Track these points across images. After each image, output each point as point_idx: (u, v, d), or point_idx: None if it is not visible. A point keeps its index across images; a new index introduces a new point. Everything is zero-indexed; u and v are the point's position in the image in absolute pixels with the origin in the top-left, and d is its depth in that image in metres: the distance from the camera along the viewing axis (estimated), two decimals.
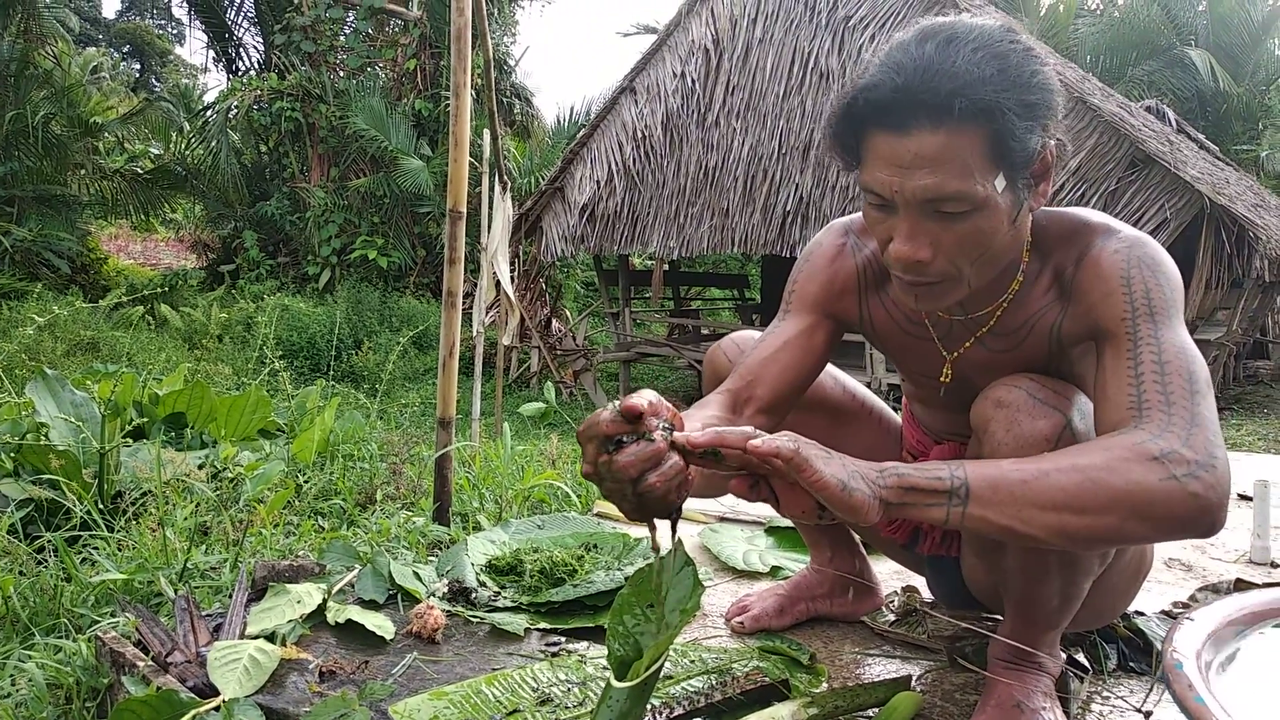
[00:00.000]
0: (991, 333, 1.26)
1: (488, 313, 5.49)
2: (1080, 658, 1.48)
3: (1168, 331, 1.08)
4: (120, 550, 2.10)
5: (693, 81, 9.92)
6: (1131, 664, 1.53)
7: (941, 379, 1.33)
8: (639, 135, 10.32)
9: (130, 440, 3.14)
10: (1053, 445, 1.12)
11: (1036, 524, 0.95)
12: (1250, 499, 2.39)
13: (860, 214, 1.43)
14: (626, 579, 1.43)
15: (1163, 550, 2.27)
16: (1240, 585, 1.83)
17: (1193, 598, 1.83)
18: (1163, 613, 1.70)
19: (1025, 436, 1.14)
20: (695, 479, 1.00)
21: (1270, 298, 9.72)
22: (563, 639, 1.62)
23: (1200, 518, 0.94)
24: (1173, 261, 1.16)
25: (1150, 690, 1.42)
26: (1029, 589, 1.26)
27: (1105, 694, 1.44)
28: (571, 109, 15.80)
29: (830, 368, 1.56)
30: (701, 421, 1.21)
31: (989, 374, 1.26)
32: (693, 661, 1.48)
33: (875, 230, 1.14)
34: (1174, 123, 11.03)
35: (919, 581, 1.85)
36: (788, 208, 9.14)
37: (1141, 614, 1.64)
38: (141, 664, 1.42)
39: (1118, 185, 7.58)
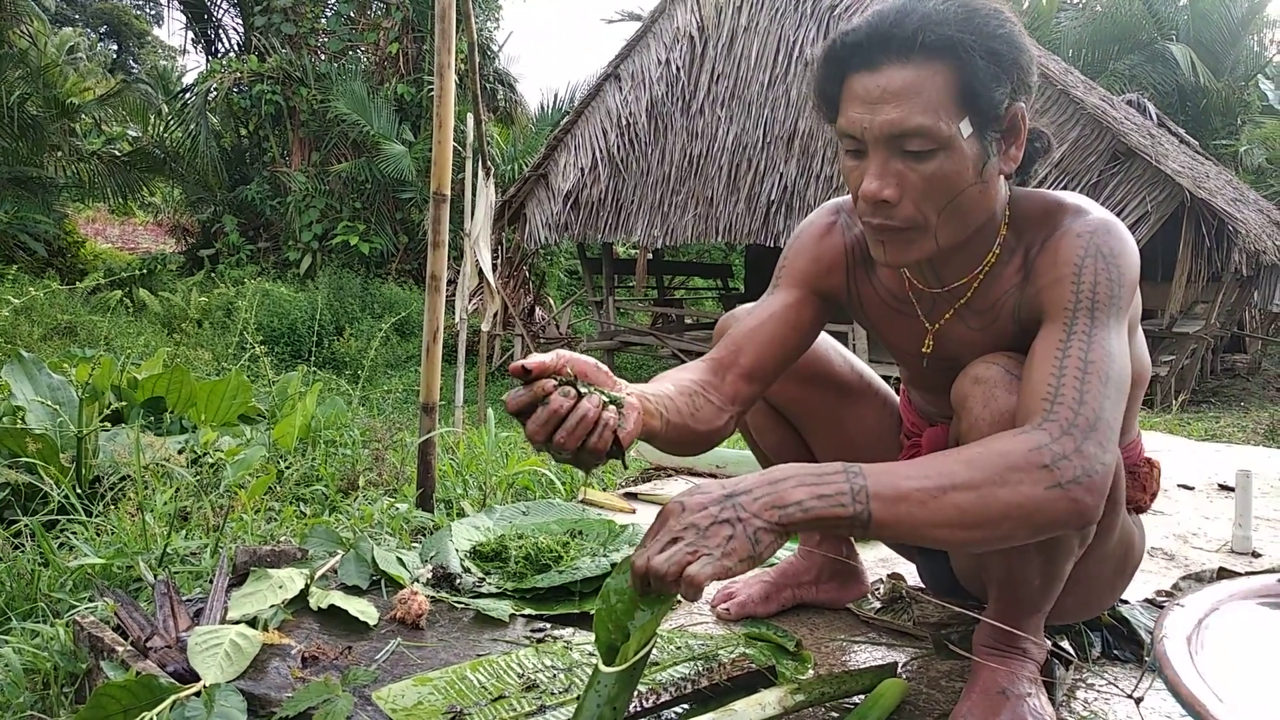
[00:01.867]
0: (969, 308, 1.28)
1: (471, 300, 5.46)
2: (1065, 645, 1.49)
3: (1101, 331, 1.11)
4: (99, 535, 2.08)
5: (677, 69, 9.89)
6: (1116, 652, 1.54)
7: (924, 349, 1.35)
8: (623, 122, 10.28)
9: (109, 424, 3.09)
10: None
11: (933, 538, 1.00)
12: (1232, 489, 2.40)
13: (843, 199, 1.44)
14: (613, 565, 1.43)
15: (1146, 540, 2.28)
16: (1223, 574, 1.84)
17: (1176, 586, 1.84)
18: (1146, 601, 1.71)
19: (1001, 411, 1.16)
20: (634, 429, 1.04)
21: (1248, 292, 9.81)
22: (548, 625, 1.61)
23: (1077, 520, 1.01)
24: (1135, 250, 1.19)
25: (1142, 676, 1.42)
26: (1009, 571, 1.26)
27: (1090, 681, 1.45)
28: (555, 95, 15.72)
29: (839, 346, 1.58)
30: (673, 382, 1.23)
31: (968, 350, 1.29)
32: (679, 648, 1.47)
33: (851, 180, 1.18)
34: (1155, 117, 11.10)
35: (904, 568, 1.85)
36: (772, 197, 9.13)
37: (1125, 602, 1.65)
38: (121, 649, 1.40)
39: (1099, 178, 7.62)
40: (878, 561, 1.97)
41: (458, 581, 1.74)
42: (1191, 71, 14.98)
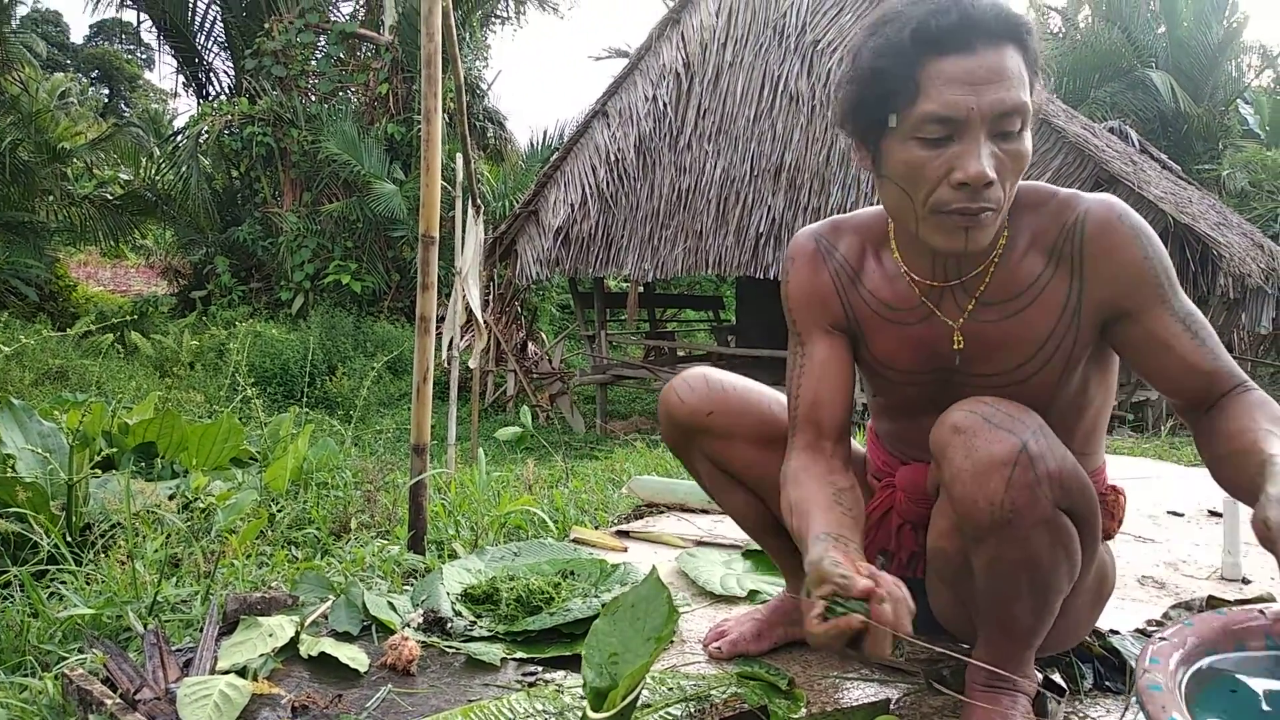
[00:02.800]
0: (985, 300, 1.30)
1: (463, 336, 5.47)
2: (1056, 678, 1.49)
3: (1186, 300, 1.27)
4: (88, 584, 2.06)
5: (664, 105, 9.99)
6: (1107, 683, 1.54)
7: (956, 347, 1.33)
8: (612, 158, 10.36)
9: (99, 471, 3.09)
10: (1010, 469, 1.15)
11: None
12: (1221, 515, 2.41)
13: (821, 222, 1.46)
14: (603, 606, 1.43)
15: (1136, 568, 2.29)
16: (1212, 602, 1.84)
17: (1166, 615, 1.85)
18: (1137, 631, 1.72)
19: (982, 461, 1.16)
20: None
21: (1235, 315, 9.88)
22: (539, 668, 1.60)
23: None
24: None
25: (1125, 711, 1.43)
26: (1001, 610, 1.26)
27: (1082, 714, 1.45)
28: (545, 132, 15.84)
29: (778, 394, 1.58)
30: (825, 505, 1.27)
31: (995, 342, 1.30)
32: (670, 689, 1.47)
33: (926, 170, 1.18)
34: (1137, 143, 11.23)
35: None
36: (760, 229, 9.20)
37: (1116, 632, 1.65)
38: (109, 702, 1.39)
39: None
40: None
41: (449, 625, 1.73)
42: (1172, 98, 15.20)
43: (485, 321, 5.40)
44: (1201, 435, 1.25)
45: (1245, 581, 2.20)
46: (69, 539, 2.40)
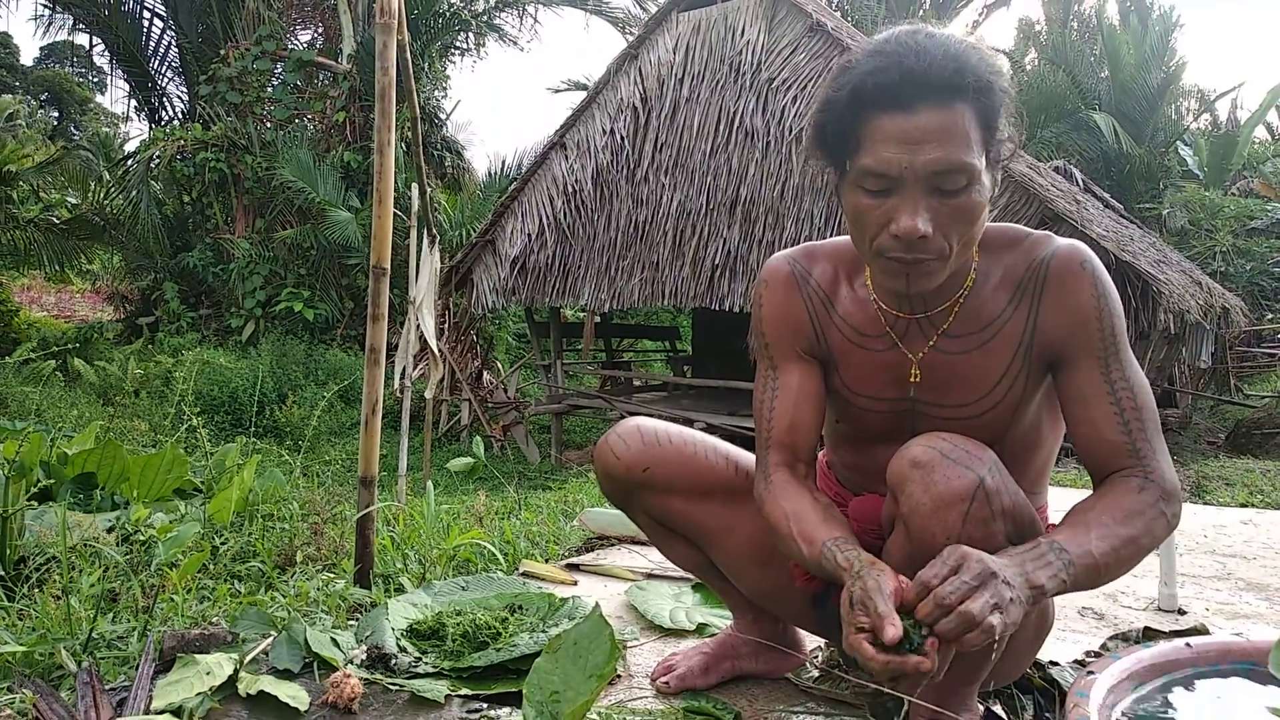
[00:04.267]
0: (948, 334, 1.32)
1: (416, 366, 5.43)
2: (998, 709, 1.51)
3: (1129, 368, 1.27)
4: (21, 620, 2.00)
5: (622, 138, 10.08)
6: (1047, 715, 1.56)
7: (911, 379, 1.36)
8: (569, 189, 10.41)
9: (36, 503, 3.00)
10: (967, 504, 1.16)
11: (1091, 585, 1.15)
12: (1157, 549, 2.47)
13: (795, 248, 1.48)
14: (547, 642, 1.42)
15: (1075, 600, 2.33)
16: (1149, 633, 1.88)
17: (1104, 646, 1.88)
18: (1075, 662, 1.75)
19: (941, 496, 1.17)
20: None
21: (1175, 349, 10.15)
22: (485, 705, 1.59)
23: (1170, 534, 1.23)
24: None
25: None
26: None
27: None
28: (503, 162, 15.86)
29: (718, 445, 1.60)
30: (824, 516, 1.30)
31: (960, 376, 1.32)
32: None
33: (867, 219, 1.20)
34: (1081, 182, 11.55)
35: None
36: (716, 261, 9.28)
37: (1055, 664, 1.68)
38: None
39: None
40: None
41: (393, 662, 1.71)
42: (1114, 139, 15.66)
43: (440, 350, 5.37)
44: None
45: (1181, 613, 2.25)
46: (2, 573, 2.33)
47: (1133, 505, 1.20)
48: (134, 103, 16.89)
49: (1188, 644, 1.05)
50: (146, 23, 16.03)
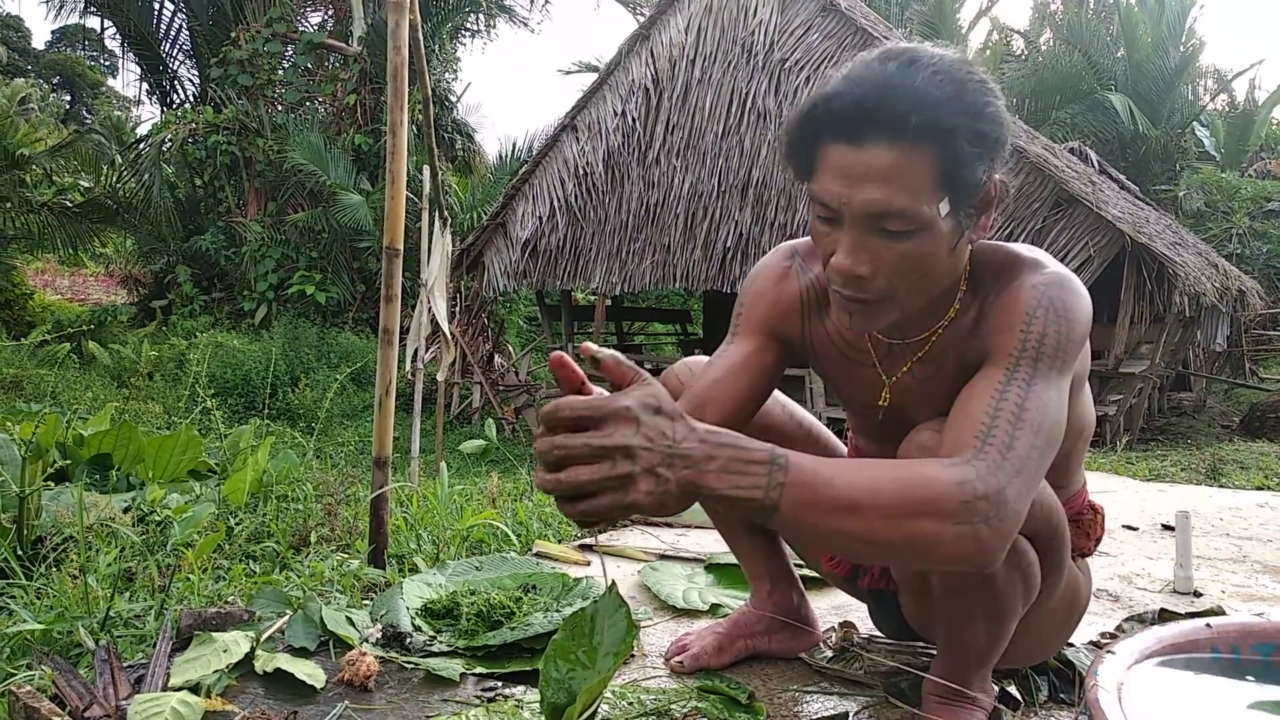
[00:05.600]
0: (924, 359, 1.29)
1: (428, 349, 5.44)
2: (1012, 690, 1.51)
3: (1042, 383, 1.11)
4: (39, 599, 2.02)
5: (633, 120, 10.04)
6: (1062, 695, 1.56)
7: (880, 402, 1.35)
8: (581, 172, 10.38)
9: (52, 483, 3.02)
10: None
11: (828, 544, 1.06)
12: (1173, 529, 2.46)
13: (807, 237, 1.46)
14: (562, 621, 1.42)
15: (1091, 583, 2.32)
16: (1165, 615, 1.88)
17: (1119, 628, 1.88)
18: (1091, 643, 1.74)
19: None
20: None
21: (1190, 332, 10.08)
22: (499, 683, 1.59)
23: (977, 560, 0.99)
24: (1088, 307, 1.18)
25: None
26: (956, 630, 1.28)
27: None
28: (514, 145, 15.81)
29: (778, 394, 1.57)
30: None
31: (920, 400, 1.30)
32: (631, 703, 1.46)
33: (821, 244, 1.15)
34: (1096, 164, 11.45)
35: (856, 615, 1.86)
36: (728, 244, 9.26)
37: (1071, 645, 1.68)
38: (57, 719, 1.36)
39: (1043, 224, 7.83)
40: (830, 610, 1.98)
41: (408, 641, 1.72)
42: (1130, 120, 15.52)
43: (451, 333, 5.37)
44: None
45: (1197, 595, 2.24)
46: (20, 552, 2.35)
47: (925, 473, 1.00)
48: (145, 86, 16.92)
49: (1208, 624, 1.04)
50: (157, 6, 16.02)
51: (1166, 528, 2.96)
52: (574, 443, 0.87)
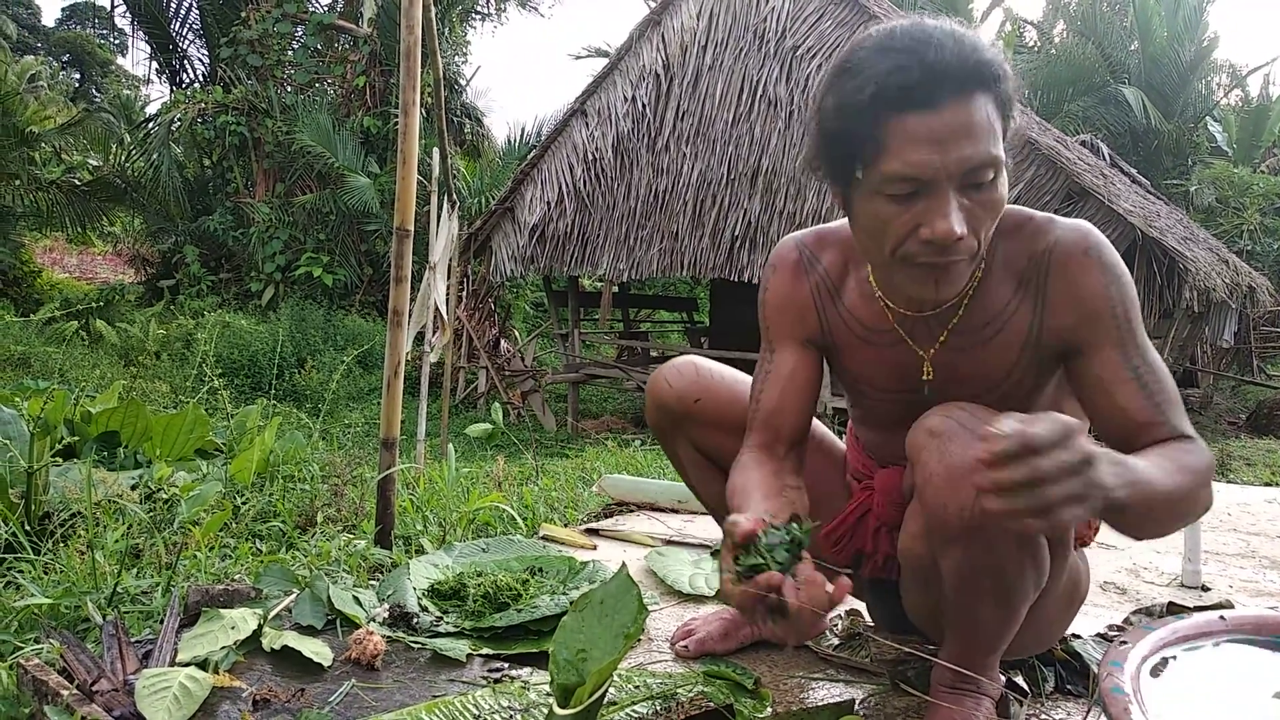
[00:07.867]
0: (957, 329, 1.29)
1: (435, 334, 5.43)
2: (1019, 680, 1.50)
3: (1149, 349, 1.23)
4: (46, 574, 2.03)
5: (643, 106, 9.99)
6: (1069, 686, 1.55)
7: (925, 377, 1.34)
8: (589, 157, 10.34)
9: (60, 459, 3.03)
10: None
11: (1140, 527, 1.08)
12: None
13: (811, 228, 1.45)
14: (571, 603, 1.42)
15: (1097, 574, 2.31)
16: (1173, 609, 1.87)
17: (1127, 621, 1.87)
18: (1098, 636, 1.74)
19: (954, 464, 1.16)
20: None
21: (1199, 328, 10.03)
22: (506, 665, 1.59)
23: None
24: (1110, 244, 1.25)
25: (1088, 713, 1.44)
26: (966, 614, 1.27)
27: (1044, 716, 1.46)
28: (523, 129, 15.77)
29: None
30: (766, 492, 1.26)
31: (963, 371, 1.30)
32: (637, 687, 1.46)
33: (892, 227, 1.14)
34: (1108, 157, 11.38)
35: (861, 605, 1.86)
36: (736, 233, 9.22)
37: (1078, 637, 1.67)
38: (65, 692, 1.36)
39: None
40: None
41: (415, 621, 1.72)
42: (1143, 114, 15.42)
43: (458, 317, 5.37)
44: None
45: (1204, 589, 2.23)
46: (27, 528, 2.36)
47: (1188, 462, 1.12)
48: (155, 65, 16.89)
49: (1221, 616, 1.04)
50: None
51: None
52: (1052, 464, 0.88)
